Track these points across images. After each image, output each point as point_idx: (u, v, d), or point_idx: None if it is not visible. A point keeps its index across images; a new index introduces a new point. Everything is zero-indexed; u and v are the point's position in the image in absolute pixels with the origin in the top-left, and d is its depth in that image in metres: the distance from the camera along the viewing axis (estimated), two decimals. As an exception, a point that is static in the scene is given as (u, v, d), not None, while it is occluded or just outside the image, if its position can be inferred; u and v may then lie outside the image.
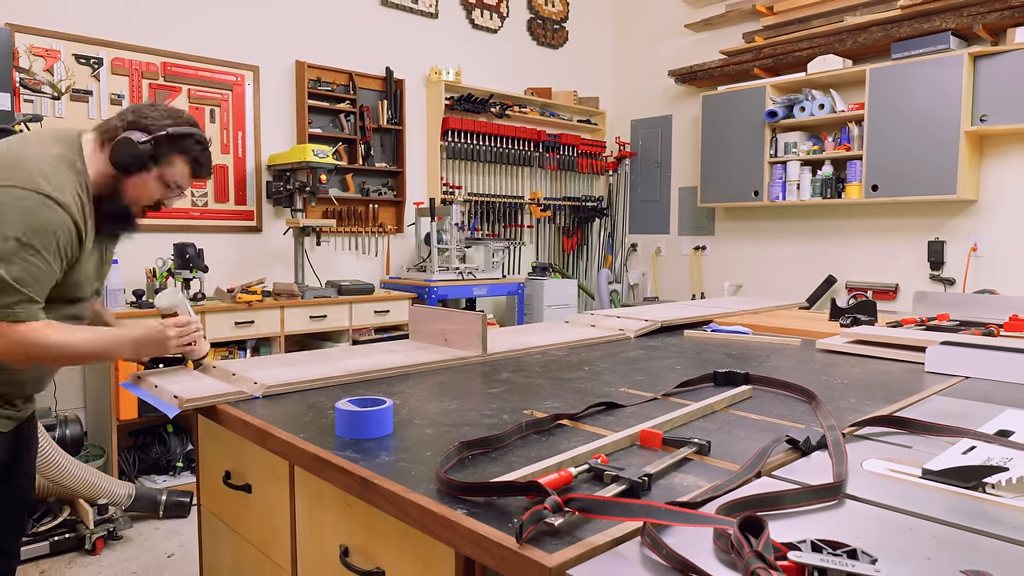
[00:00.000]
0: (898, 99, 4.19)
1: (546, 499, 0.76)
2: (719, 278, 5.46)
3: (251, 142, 4.17)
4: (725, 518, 0.73)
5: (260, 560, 1.33)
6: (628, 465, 0.93)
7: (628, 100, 6.09)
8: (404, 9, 4.84)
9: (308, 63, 4.32)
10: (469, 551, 0.79)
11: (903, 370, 1.69)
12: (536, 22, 5.67)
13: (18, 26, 3.36)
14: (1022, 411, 1.24)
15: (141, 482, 3.36)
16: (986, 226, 4.21)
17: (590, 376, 1.59)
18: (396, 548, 0.96)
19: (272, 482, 1.26)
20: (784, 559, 0.65)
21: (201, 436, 1.57)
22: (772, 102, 4.78)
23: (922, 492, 0.88)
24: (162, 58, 3.82)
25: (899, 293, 4.54)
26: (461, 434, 1.13)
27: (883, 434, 1.13)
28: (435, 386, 1.49)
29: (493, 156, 5.21)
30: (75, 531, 2.81)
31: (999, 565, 0.69)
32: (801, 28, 4.78)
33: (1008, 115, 3.88)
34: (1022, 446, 0.99)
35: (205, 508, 1.58)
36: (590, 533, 0.75)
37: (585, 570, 0.68)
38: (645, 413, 1.26)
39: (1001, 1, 3.89)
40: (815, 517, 0.81)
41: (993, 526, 0.78)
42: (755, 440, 1.09)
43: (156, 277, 3.51)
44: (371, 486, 0.93)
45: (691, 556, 0.67)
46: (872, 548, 0.72)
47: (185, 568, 2.69)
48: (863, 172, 4.36)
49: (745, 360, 1.81)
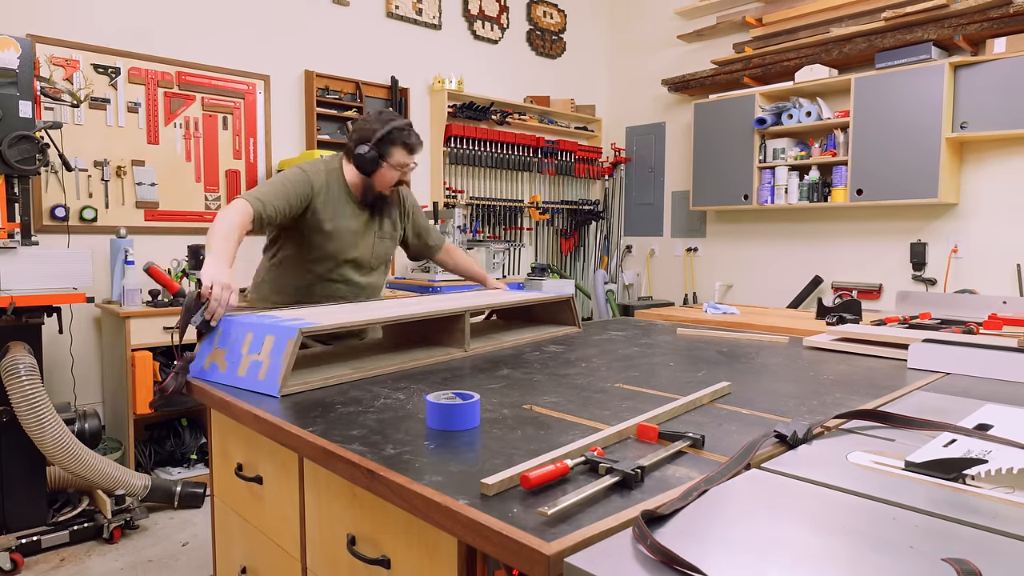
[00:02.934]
0: (882, 107, 4.19)
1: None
2: (710, 278, 5.46)
3: (262, 148, 4.17)
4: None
5: (271, 548, 1.33)
6: (623, 458, 0.93)
7: (623, 108, 6.09)
8: (409, 21, 4.83)
9: (317, 72, 4.32)
10: (471, 540, 0.79)
11: (887, 366, 1.69)
12: (535, 33, 5.67)
13: (39, 37, 3.36)
14: (1001, 406, 1.24)
15: (157, 474, 3.36)
16: (966, 228, 4.21)
17: (587, 372, 1.59)
18: (401, 537, 0.96)
19: (282, 474, 1.27)
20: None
21: (214, 430, 1.57)
22: (761, 110, 4.77)
23: (905, 483, 0.88)
24: (177, 68, 3.82)
25: (883, 293, 4.54)
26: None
27: (867, 427, 1.13)
28: (438, 382, 1.49)
29: (494, 161, 5.21)
30: (94, 520, 2.81)
31: (978, 553, 0.69)
32: (789, 39, 4.78)
33: (987, 122, 3.88)
34: (1000, 439, 0.99)
35: (218, 499, 1.58)
36: (588, 522, 0.75)
37: (582, 558, 0.68)
38: (640, 408, 1.26)
39: (981, 13, 3.89)
40: (801, 506, 0.81)
41: (973, 516, 0.78)
42: (745, 434, 1.09)
43: (171, 277, 3.51)
44: (377, 478, 0.93)
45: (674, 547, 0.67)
46: (857, 537, 0.72)
47: (199, 556, 2.69)
48: (848, 177, 4.36)
49: (735, 357, 1.81)
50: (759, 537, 0.72)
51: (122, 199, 3.67)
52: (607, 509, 0.79)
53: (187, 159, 3.90)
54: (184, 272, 3.53)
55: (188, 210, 3.91)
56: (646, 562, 0.67)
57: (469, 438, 1.07)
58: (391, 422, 1.17)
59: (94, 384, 3.63)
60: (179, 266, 3.55)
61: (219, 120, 3.99)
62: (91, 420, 3.01)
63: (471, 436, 1.08)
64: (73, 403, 3.40)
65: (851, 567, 0.66)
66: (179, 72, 3.83)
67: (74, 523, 2.78)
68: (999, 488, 0.85)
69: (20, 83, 2.59)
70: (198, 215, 3.93)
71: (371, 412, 1.23)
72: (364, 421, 1.17)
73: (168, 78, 3.79)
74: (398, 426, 1.14)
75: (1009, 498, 0.82)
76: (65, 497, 2.97)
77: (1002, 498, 0.82)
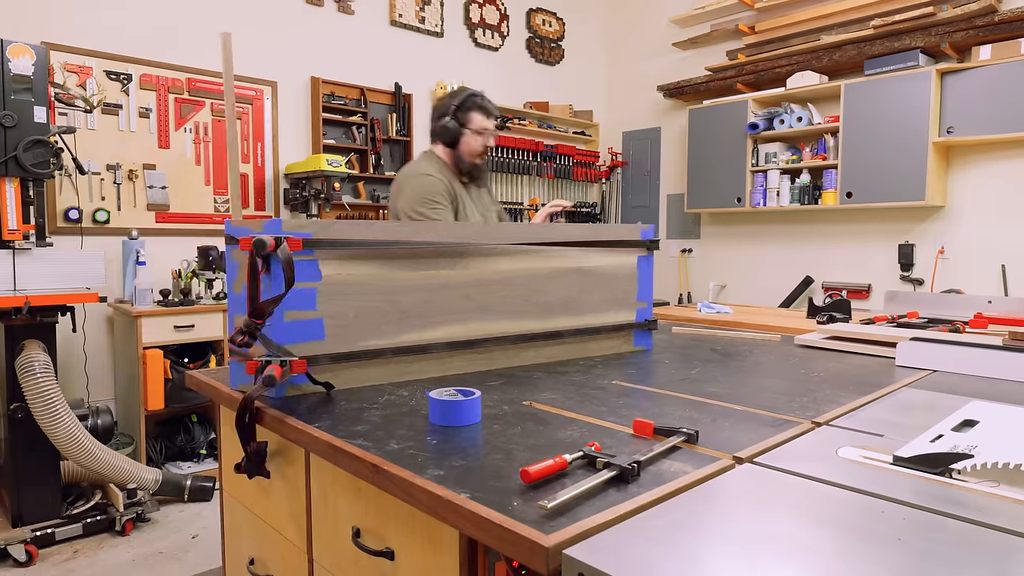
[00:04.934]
0: (871, 112, 4.19)
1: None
2: (704, 279, 5.46)
3: (270, 152, 4.17)
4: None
5: (278, 540, 1.33)
6: (620, 452, 0.93)
7: (620, 113, 6.09)
8: (412, 29, 4.83)
9: (323, 79, 4.32)
10: (472, 532, 0.79)
11: (876, 364, 1.69)
12: (534, 41, 5.67)
13: (53, 44, 3.36)
14: (986, 402, 1.24)
15: (167, 468, 3.36)
16: (952, 230, 4.21)
17: (584, 370, 1.59)
18: (405, 529, 0.96)
19: (289, 468, 1.26)
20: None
21: (223, 425, 1.57)
22: (754, 115, 4.77)
23: (893, 477, 0.88)
24: (187, 74, 3.82)
25: (871, 292, 4.54)
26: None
27: (857, 423, 1.13)
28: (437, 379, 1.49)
29: (494, 165, 5.21)
30: (106, 513, 2.81)
31: (964, 545, 0.69)
32: (781, 46, 4.78)
33: (973, 127, 3.88)
34: (986, 434, 0.99)
35: (227, 492, 1.58)
36: (586, 515, 0.75)
37: (580, 550, 0.68)
38: (636, 404, 1.26)
39: (967, 21, 3.89)
40: (793, 500, 0.81)
41: (959, 509, 0.78)
42: (738, 429, 1.09)
43: (181, 277, 3.51)
44: (381, 472, 0.93)
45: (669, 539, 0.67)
46: (846, 530, 0.72)
47: (208, 547, 2.69)
48: (838, 180, 4.36)
49: (729, 355, 1.81)
50: (752, 529, 0.72)
51: (134, 202, 3.67)
52: (604, 503, 0.79)
53: (197, 163, 3.90)
54: (194, 272, 3.52)
55: (198, 212, 3.91)
56: (648, 551, 0.67)
57: (471, 433, 1.07)
58: (395, 418, 1.17)
59: (107, 381, 3.63)
60: (189, 267, 3.55)
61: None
62: (104, 416, 3.01)
63: (472, 431, 1.08)
64: (86, 399, 3.39)
65: (841, 558, 0.66)
66: (189, 78, 3.82)
67: (87, 516, 2.78)
68: (984, 482, 0.85)
69: (35, 89, 2.59)
70: (208, 217, 3.93)
71: (375, 408, 1.23)
72: (369, 417, 1.17)
73: (179, 84, 3.79)
74: (401, 421, 1.14)
75: (994, 492, 0.82)
76: (79, 491, 2.97)
77: (987, 492, 0.82)
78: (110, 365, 3.64)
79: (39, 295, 2.61)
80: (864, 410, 1.22)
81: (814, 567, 0.65)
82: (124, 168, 3.63)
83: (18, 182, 2.59)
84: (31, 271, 2.70)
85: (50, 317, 2.71)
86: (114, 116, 3.59)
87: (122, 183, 3.63)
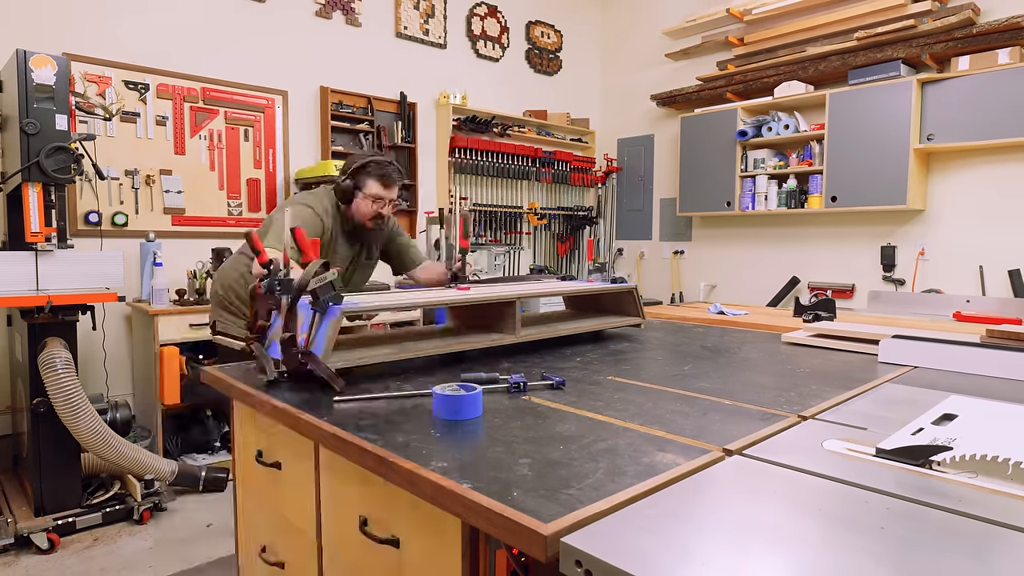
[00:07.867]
0: (854, 120, 4.19)
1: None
2: (695, 279, 5.46)
3: (280, 158, 4.17)
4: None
5: (289, 529, 1.33)
6: (616, 444, 0.93)
7: (615, 121, 6.09)
8: (416, 40, 4.83)
9: (331, 88, 4.32)
10: (474, 521, 0.79)
11: (859, 360, 1.69)
12: (533, 52, 5.67)
13: (74, 55, 3.36)
14: (964, 397, 1.24)
15: (183, 460, 3.36)
16: (932, 233, 4.21)
17: (582, 366, 1.59)
18: (410, 518, 0.96)
19: (299, 460, 1.26)
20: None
21: (236, 419, 1.57)
22: (743, 123, 4.77)
23: (876, 469, 0.88)
24: (202, 84, 3.82)
25: (855, 292, 4.54)
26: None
27: (842, 417, 1.13)
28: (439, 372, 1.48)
29: (495, 171, 5.21)
30: (125, 503, 2.81)
31: (944, 533, 0.69)
32: (769, 57, 4.78)
33: (952, 134, 3.88)
34: (965, 428, 0.99)
35: (240, 483, 1.57)
36: (585, 503, 0.75)
37: (578, 538, 0.68)
38: (631, 399, 1.26)
39: (946, 33, 3.89)
40: (780, 490, 0.81)
41: (939, 499, 0.78)
42: (728, 423, 1.09)
43: (196, 278, 3.51)
44: (387, 464, 0.93)
45: (662, 528, 0.67)
46: (832, 519, 0.72)
47: (222, 536, 2.69)
48: (823, 185, 4.36)
49: (719, 352, 1.80)
50: (742, 518, 0.72)
51: (151, 205, 3.67)
52: (600, 492, 0.79)
53: (211, 168, 3.90)
54: (208, 273, 3.52)
55: (212, 216, 3.91)
56: (644, 539, 0.67)
57: (473, 427, 1.07)
58: (401, 412, 1.17)
59: (125, 377, 3.63)
60: (204, 268, 3.55)
61: (241, 132, 3.99)
62: (122, 410, 3.01)
63: (474, 425, 1.08)
64: (106, 394, 3.39)
65: (826, 546, 0.66)
66: (204, 88, 3.82)
67: (106, 506, 2.78)
68: (964, 473, 0.85)
69: (56, 98, 2.59)
70: (221, 220, 3.93)
71: (382, 402, 1.23)
72: (376, 411, 1.17)
73: (193, 93, 3.79)
74: (407, 415, 1.14)
75: (973, 483, 0.82)
76: (98, 481, 2.97)
77: (967, 483, 0.82)
78: (128, 361, 3.64)
79: (60, 295, 2.61)
80: (848, 404, 1.22)
81: (801, 554, 0.65)
82: (142, 173, 3.63)
83: (40, 187, 2.59)
84: (53, 272, 2.70)
85: (71, 316, 2.71)
86: (132, 124, 3.59)
87: (140, 188, 3.62)
